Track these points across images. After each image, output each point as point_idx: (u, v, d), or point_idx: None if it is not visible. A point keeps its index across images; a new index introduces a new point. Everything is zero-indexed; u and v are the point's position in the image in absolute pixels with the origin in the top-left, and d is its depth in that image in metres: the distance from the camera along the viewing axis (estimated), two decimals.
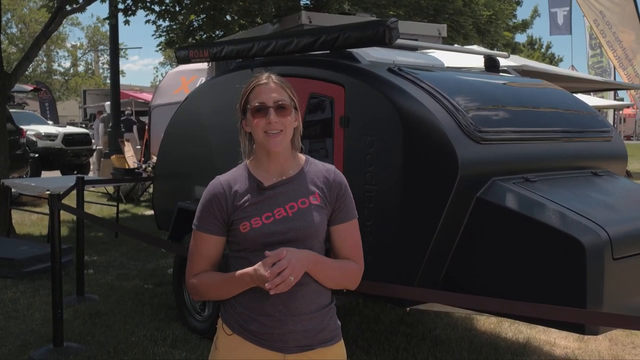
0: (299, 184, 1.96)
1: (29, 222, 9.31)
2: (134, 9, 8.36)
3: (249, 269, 1.84)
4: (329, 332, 1.96)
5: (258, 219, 1.89)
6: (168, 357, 4.19)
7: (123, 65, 67.24)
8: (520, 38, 35.96)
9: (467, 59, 5.77)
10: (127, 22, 8.63)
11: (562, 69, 11.22)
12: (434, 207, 3.22)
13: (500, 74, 4.60)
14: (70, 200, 5.58)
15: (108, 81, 16.32)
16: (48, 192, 6.01)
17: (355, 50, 3.91)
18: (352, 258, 2.02)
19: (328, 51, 4.00)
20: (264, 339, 1.90)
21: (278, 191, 1.93)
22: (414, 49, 4.84)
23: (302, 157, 2.04)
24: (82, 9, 8.30)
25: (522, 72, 5.95)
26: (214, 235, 1.94)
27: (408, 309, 3.65)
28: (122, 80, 19.80)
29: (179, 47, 5.36)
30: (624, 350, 4.50)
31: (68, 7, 8.08)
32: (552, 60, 40.09)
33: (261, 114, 1.90)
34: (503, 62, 5.00)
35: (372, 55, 4.04)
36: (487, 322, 4.98)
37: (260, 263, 1.80)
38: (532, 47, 41.02)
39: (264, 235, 1.88)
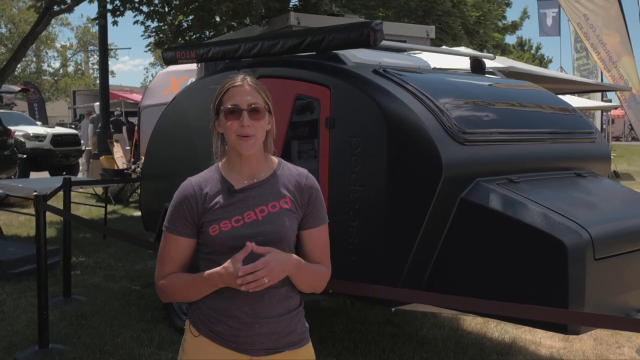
0: (270, 188, 1.95)
1: (17, 223, 9.27)
2: (122, 9, 8.33)
3: (218, 268, 1.83)
4: (296, 335, 1.96)
5: (227, 222, 1.88)
6: (154, 358, 4.19)
7: (113, 65, 67.12)
8: (510, 39, 36.13)
9: (454, 61, 5.81)
10: (115, 23, 8.60)
11: (548, 71, 11.29)
12: (418, 208, 3.24)
13: (486, 75, 4.62)
14: (58, 201, 5.57)
15: (98, 82, 16.25)
16: (35, 193, 5.97)
17: (341, 52, 3.93)
18: (322, 262, 2.02)
19: (314, 53, 4.01)
20: (230, 341, 1.89)
21: (249, 194, 1.93)
22: (400, 50, 4.86)
23: (275, 160, 2.03)
24: (70, 9, 8.27)
25: (509, 73, 5.99)
26: (183, 237, 1.92)
27: (393, 309, 3.67)
28: (113, 81, 19.83)
29: (166, 48, 5.36)
30: (608, 349, 4.53)
31: (56, 8, 8.05)
32: (542, 61, 40.31)
33: (234, 116, 1.89)
34: (489, 63, 5.03)
35: (358, 56, 4.06)
36: (473, 322, 5.01)
37: (230, 260, 1.81)
38: (522, 49, 41.24)
39: (233, 238, 1.87)
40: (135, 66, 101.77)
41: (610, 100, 22.22)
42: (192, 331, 1.95)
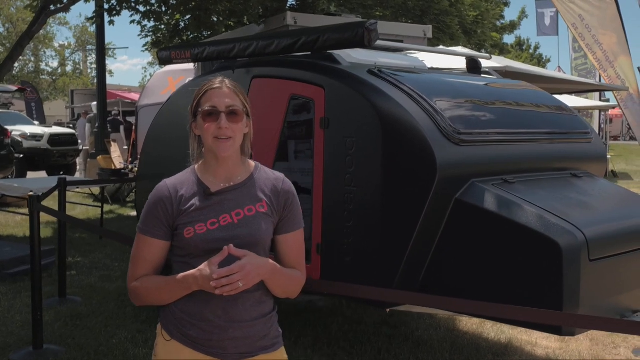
0: (246, 191, 1.93)
1: (13, 223, 9.25)
2: (118, 9, 8.32)
3: (193, 271, 1.81)
4: (269, 339, 1.95)
5: (203, 224, 1.86)
6: (149, 359, 4.17)
7: (112, 65, 67.05)
8: (509, 39, 36.09)
9: (450, 61, 5.79)
10: (111, 23, 8.59)
11: (546, 71, 11.28)
12: (413, 209, 3.22)
13: (482, 75, 4.61)
14: (55, 201, 5.55)
15: (96, 81, 16.24)
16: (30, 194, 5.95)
17: (336, 52, 3.91)
18: (297, 267, 2.00)
19: (309, 52, 4.00)
20: (202, 345, 1.88)
21: (225, 197, 1.91)
22: (396, 50, 4.85)
23: (252, 163, 2.02)
24: (66, 9, 8.26)
25: (505, 73, 5.98)
26: (157, 239, 1.90)
27: (388, 310, 3.65)
28: (111, 80, 19.81)
29: (161, 48, 5.35)
30: (604, 350, 4.53)
31: (52, 7, 8.04)
32: (540, 61, 40.32)
33: (212, 118, 1.88)
34: (485, 63, 5.01)
35: (353, 56, 4.05)
36: (469, 323, 5.00)
37: (205, 262, 1.79)
38: (520, 48, 41.25)
39: (208, 241, 1.85)
40: (134, 66, 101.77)
41: (608, 100, 22.22)
42: (164, 335, 1.93)
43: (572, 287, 2.87)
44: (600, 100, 21.21)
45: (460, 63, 5.13)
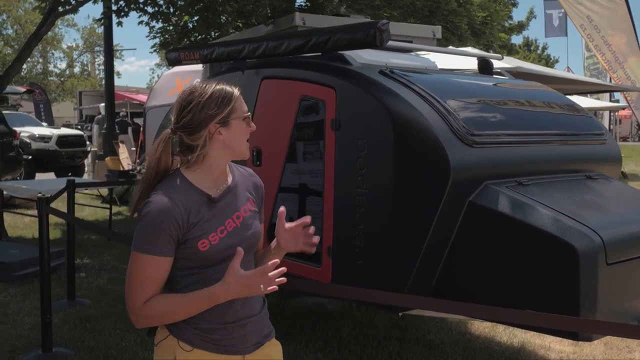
0: (238, 193, 1.97)
1: (22, 224, 9.25)
2: (126, 10, 8.31)
3: (220, 284, 1.76)
4: (268, 327, 2.05)
5: (214, 234, 1.84)
6: None
7: (120, 66, 67.24)
8: (516, 39, 35.94)
9: (460, 61, 5.74)
10: (119, 24, 8.59)
11: (556, 71, 11.20)
12: (426, 212, 3.18)
13: (494, 76, 4.56)
14: (63, 203, 5.53)
15: (104, 82, 16.25)
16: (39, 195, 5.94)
17: (346, 53, 3.87)
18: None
19: (319, 53, 3.96)
20: (225, 346, 1.90)
21: (224, 202, 1.91)
22: (406, 50, 4.80)
23: None
24: (74, 10, 8.26)
25: (517, 74, 5.92)
26: (168, 257, 1.81)
27: (400, 314, 3.61)
28: (119, 82, 19.85)
29: (169, 49, 5.32)
30: (619, 354, 4.46)
31: (60, 9, 8.03)
32: (548, 61, 40.14)
33: (247, 122, 1.93)
34: (497, 64, 4.96)
35: (364, 57, 4.00)
36: (481, 327, 4.94)
37: (230, 271, 1.74)
38: (528, 49, 41.08)
39: (222, 250, 1.85)
40: (142, 67, 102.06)
41: (618, 101, 22.08)
42: (184, 347, 1.87)
43: (590, 292, 2.81)
44: (610, 101, 21.08)
45: (471, 64, 5.08)
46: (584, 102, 14.90)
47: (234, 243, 1.85)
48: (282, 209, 1.97)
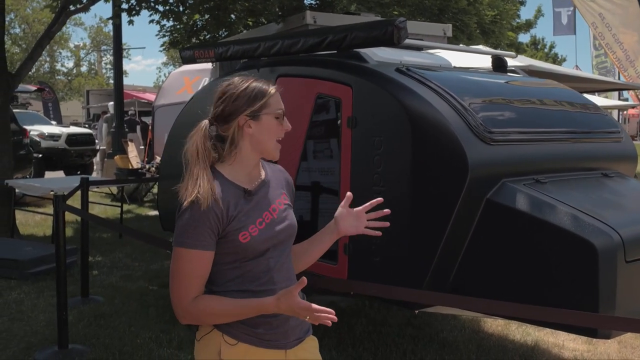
0: (271, 186, 2.00)
1: (33, 222, 9.29)
2: (137, 8, 8.32)
3: (272, 299, 1.78)
4: (307, 323, 2.03)
5: (254, 226, 1.87)
6: (174, 359, 4.17)
7: (126, 65, 67.30)
8: (524, 38, 35.80)
9: (473, 59, 5.73)
10: (131, 22, 8.59)
11: (567, 69, 11.16)
12: (444, 209, 3.18)
13: (508, 74, 4.56)
14: (75, 201, 5.56)
15: (111, 81, 16.31)
16: (52, 193, 5.98)
17: (362, 51, 3.87)
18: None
19: (335, 51, 3.96)
20: (269, 340, 1.91)
21: (260, 195, 1.94)
22: (420, 49, 4.81)
23: None
24: (86, 8, 8.27)
25: (529, 72, 5.91)
26: (210, 251, 1.83)
27: (416, 311, 3.61)
28: (126, 81, 19.86)
29: (184, 47, 5.34)
30: (633, 352, 4.46)
31: (72, 7, 8.05)
32: (555, 60, 39.97)
33: (280, 121, 1.93)
34: (510, 62, 4.96)
35: (379, 55, 4.01)
36: (494, 324, 4.94)
37: (287, 294, 1.75)
38: (536, 47, 40.92)
39: (262, 241, 1.88)
40: (148, 66, 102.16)
41: (626, 100, 21.99)
42: (228, 341, 1.89)
43: (609, 289, 2.81)
44: (619, 99, 20.99)
45: (484, 62, 5.07)
46: (593, 100, 14.84)
47: (272, 235, 1.90)
48: (349, 193, 2.05)
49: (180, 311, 1.85)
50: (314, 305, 1.74)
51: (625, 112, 21.49)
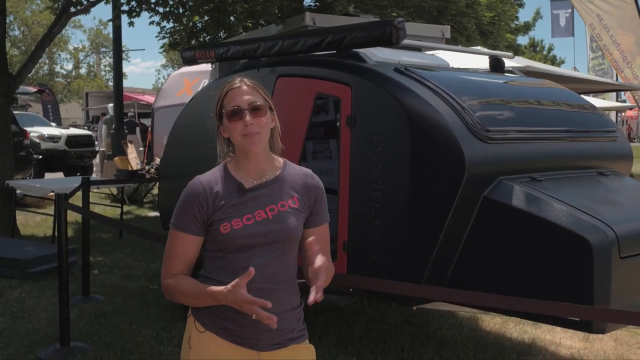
0: (279, 188, 1.99)
1: (33, 223, 9.33)
2: (138, 10, 8.38)
3: (222, 289, 1.79)
4: (297, 332, 2.02)
5: (239, 220, 1.91)
6: (175, 357, 4.20)
7: (125, 67, 67.20)
8: (522, 40, 35.86)
9: (471, 60, 5.79)
10: (131, 24, 8.65)
11: (564, 70, 11.24)
12: (441, 207, 3.23)
13: (506, 74, 4.61)
14: (75, 202, 5.60)
15: (110, 83, 16.36)
16: (53, 193, 6.02)
17: (361, 51, 3.93)
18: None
19: (334, 51, 4.01)
20: (237, 336, 1.93)
21: (259, 193, 1.96)
22: (418, 49, 4.86)
23: (281, 160, 2.07)
24: (86, 10, 8.32)
25: (526, 73, 5.97)
26: (191, 235, 1.94)
27: (415, 307, 3.66)
28: (125, 83, 19.86)
29: (184, 48, 5.38)
30: (629, 350, 4.50)
31: (72, 9, 8.10)
32: (554, 62, 40.04)
33: (237, 117, 1.93)
34: (507, 62, 5.01)
35: (377, 55, 4.06)
36: (492, 322, 4.99)
37: (234, 284, 1.75)
38: (534, 49, 41.00)
39: (244, 236, 1.91)
40: (147, 68, 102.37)
41: (624, 101, 22.07)
42: (198, 327, 1.96)
43: (603, 285, 2.87)
44: (617, 101, 21.07)
45: (482, 63, 5.12)
46: (591, 102, 14.90)
47: (258, 233, 1.91)
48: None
49: (162, 285, 1.97)
50: (260, 301, 1.72)
51: (622, 113, 21.61)
